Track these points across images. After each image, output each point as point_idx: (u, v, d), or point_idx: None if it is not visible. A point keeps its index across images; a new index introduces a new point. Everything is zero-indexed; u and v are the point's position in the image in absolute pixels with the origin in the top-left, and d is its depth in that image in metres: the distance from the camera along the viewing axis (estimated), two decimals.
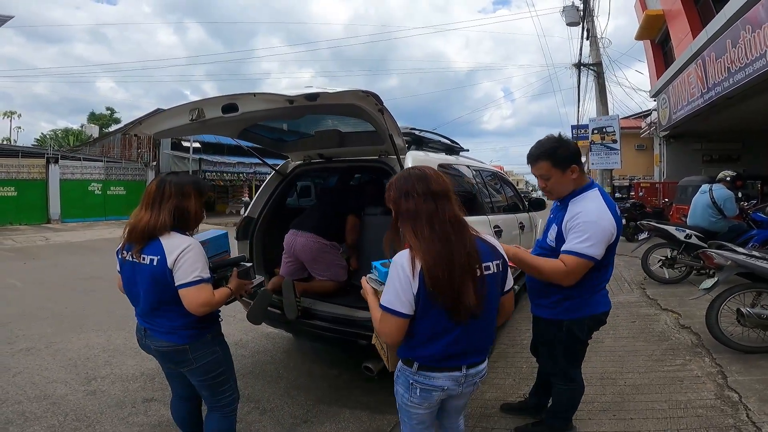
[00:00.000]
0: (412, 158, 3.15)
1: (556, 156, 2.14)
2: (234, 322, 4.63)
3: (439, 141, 4.20)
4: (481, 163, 5.40)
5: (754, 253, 3.83)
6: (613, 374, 3.51)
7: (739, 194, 6.26)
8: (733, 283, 3.87)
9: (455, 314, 1.57)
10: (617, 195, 13.99)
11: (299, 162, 3.88)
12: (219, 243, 2.35)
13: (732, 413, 2.75)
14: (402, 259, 1.58)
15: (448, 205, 1.62)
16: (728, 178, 6.18)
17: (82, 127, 33.81)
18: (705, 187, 6.29)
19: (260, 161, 4.33)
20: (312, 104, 2.20)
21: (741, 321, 3.62)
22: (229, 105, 2.31)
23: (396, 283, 1.58)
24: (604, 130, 14.26)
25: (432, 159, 3.54)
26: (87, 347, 4.13)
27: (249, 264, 2.33)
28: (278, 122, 3.38)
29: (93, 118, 40.16)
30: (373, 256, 3.95)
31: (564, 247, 2.05)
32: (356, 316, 3.10)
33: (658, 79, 13.95)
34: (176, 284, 1.79)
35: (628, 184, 14.10)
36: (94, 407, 2.98)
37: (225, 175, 21.50)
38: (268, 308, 3.25)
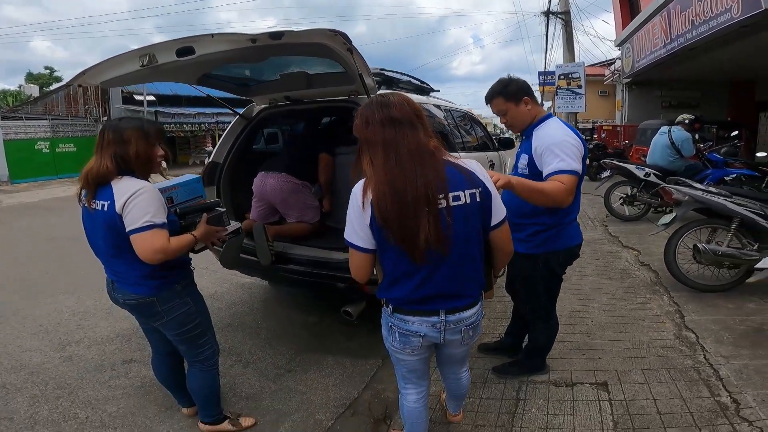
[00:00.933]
0: None
1: (507, 91, 2.26)
2: (207, 274, 4.54)
3: (409, 81, 4.06)
4: (452, 103, 5.28)
5: (711, 189, 3.86)
6: (581, 313, 3.62)
7: (696, 136, 6.47)
8: (690, 220, 3.95)
9: (412, 253, 1.44)
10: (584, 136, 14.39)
11: (265, 105, 3.64)
12: (191, 188, 2.24)
13: (690, 354, 2.85)
14: (356, 189, 1.50)
15: (411, 134, 1.47)
16: (686, 121, 6.35)
17: (20, 87, 31.60)
18: (664, 128, 6.48)
19: (223, 110, 4.14)
20: (276, 43, 2.06)
21: (697, 258, 3.68)
22: (185, 48, 2.14)
23: (351, 214, 1.51)
24: (570, 76, 14.88)
25: None
26: (57, 312, 3.94)
27: (222, 209, 2.22)
28: (240, 67, 3.13)
29: (31, 78, 37.12)
30: (347, 198, 3.98)
31: (548, 171, 2.06)
32: (332, 258, 3.02)
33: (623, 29, 14.06)
34: (126, 230, 1.72)
35: (591, 127, 14.63)
36: (73, 373, 2.87)
37: (185, 126, 20.45)
38: (241, 255, 3.15)
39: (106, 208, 1.75)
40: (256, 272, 3.58)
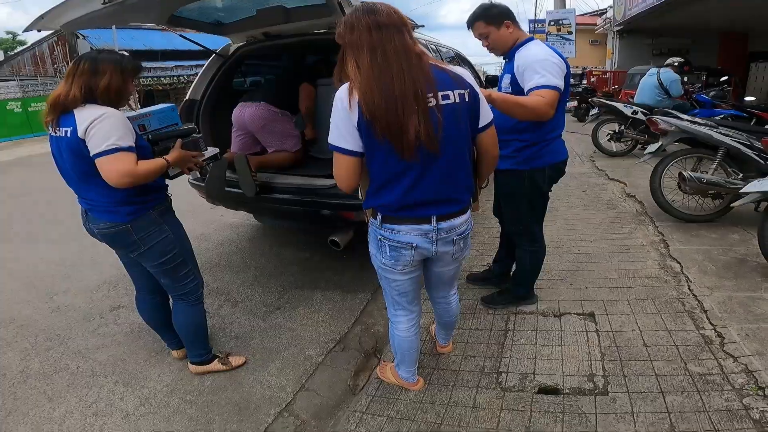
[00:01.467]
0: None
1: (488, 14, 2.24)
2: (192, 216, 4.39)
3: None
4: (438, 41, 5.03)
5: (697, 120, 3.84)
6: (568, 243, 3.60)
7: (685, 78, 6.54)
8: (676, 150, 3.94)
9: (401, 148, 1.40)
10: (570, 81, 14.23)
11: (242, 43, 3.41)
12: (165, 115, 2.15)
13: (675, 284, 2.82)
14: (340, 92, 1.44)
15: (398, 36, 1.41)
16: (676, 63, 6.36)
17: None
18: (653, 70, 6.49)
19: (202, 62, 3.87)
20: None
21: (682, 186, 3.66)
22: None
23: (337, 118, 1.45)
24: (561, 22, 14.79)
25: None
26: (41, 262, 3.82)
27: (198, 135, 2.17)
28: (213, 4, 2.86)
29: None
30: (327, 128, 3.82)
31: (529, 87, 2.05)
32: (317, 185, 2.97)
33: None
34: (92, 155, 1.66)
35: (580, 72, 14.57)
36: (62, 324, 2.81)
37: (163, 80, 19.71)
38: (226, 189, 3.05)
39: (69, 134, 1.69)
40: (241, 206, 3.48)
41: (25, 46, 21.07)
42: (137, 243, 1.91)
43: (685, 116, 3.94)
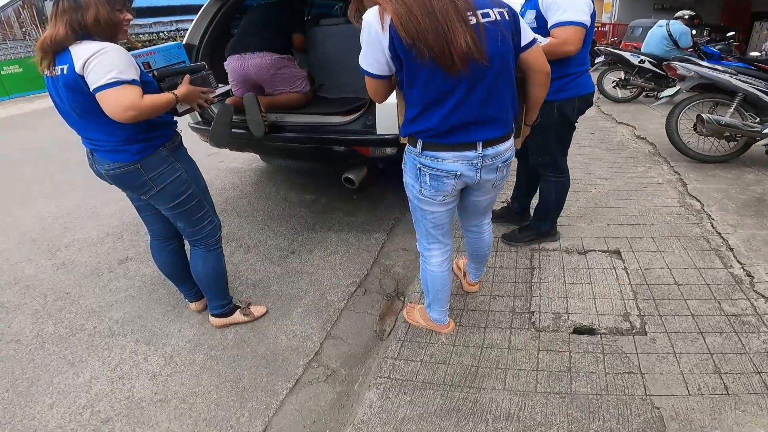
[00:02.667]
0: None
1: None
2: None
3: None
4: None
5: (717, 66, 3.77)
6: (583, 180, 3.47)
7: (694, 31, 6.38)
8: (692, 95, 3.88)
9: (450, 62, 1.24)
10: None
11: None
12: (172, 53, 2.02)
13: (697, 222, 2.70)
14: (370, 15, 1.29)
15: None
16: (686, 16, 6.33)
17: None
18: (662, 21, 6.45)
19: (182, 17, 3.51)
20: None
21: (698, 128, 3.62)
22: None
23: (367, 42, 1.32)
24: None
25: None
26: (38, 218, 3.54)
27: (208, 71, 2.03)
28: None
29: None
30: (338, 68, 3.40)
31: (552, 22, 1.95)
32: (330, 122, 2.80)
33: None
34: (92, 90, 1.52)
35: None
36: (70, 281, 2.61)
37: (141, 36, 18.57)
38: (232, 131, 2.83)
39: (65, 71, 1.54)
40: (248, 147, 3.25)
41: None
42: (148, 183, 1.76)
43: (704, 63, 3.87)
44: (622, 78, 6.56)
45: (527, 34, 1.41)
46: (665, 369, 1.66)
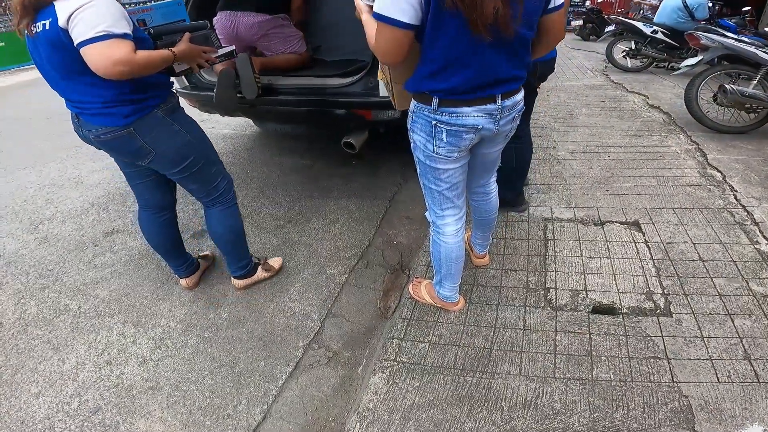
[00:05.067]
0: None
1: None
2: None
3: None
4: None
5: (743, 38, 3.66)
6: (596, 148, 3.30)
7: (710, 3, 6.13)
8: (712, 65, 3.79)
9: (474, 20, 1.11)
10: (574, 1, 13.44)
11: None
12: (170, 10, 1.85)
13: (719, 194, 2.54)
14: None
15: None
16: None
17: None
18: None
19: None
20: None
21: (719, 98, 3.50)
22: None
23: None
24: None
25: None
26: (20, 188, 3.34)
27: (210, 30, 1.91)
28: None
29: None
30: (335, 29, 3.14)
31: None
32: (328, 84, 2.62)
33: None
34: (76, 44, 1.35)
35: None
36: (53, 257, 2.45)
37: (126, 6, 17.62)
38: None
39: (47, 27, 1.39)
40: (240, 111, 3.04)
41: None
42: (145, 148, 1.61)
43: (728, 33, 3.74)
44: (633, 48, 6.41)
45: None
46: (693, 354, 1.55)
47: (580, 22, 10.19)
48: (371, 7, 1.30)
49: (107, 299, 2.12)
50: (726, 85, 3.42)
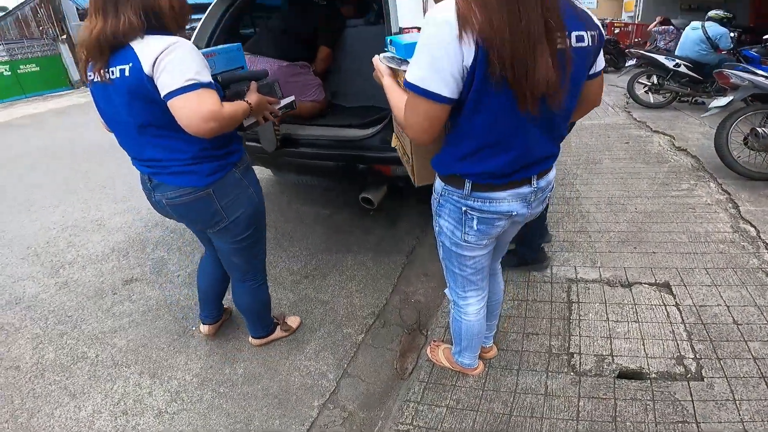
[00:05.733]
0: None
1: None
2: None
3: None
4: None
5: None
6: (621, 199, 3.39)
7: (731, 34, 6.33)
8: (742, 105, 3.77)
9: (523, 96, 1.05)
10: None
11: None
12: (232, 56, 1.91)
13: (754, 251, 2.59)
14: (444, 14, 1.02)
15: None
16: (723, 19, 6.24)
17: None
18: (696, 23, 6.39)
19: (195, 16, 3.50)
20: None
21: (751, 142, 3.50)
22: None
23: (434, 48, 1.03)
24: None
25: None
26: (43, 229, 3.63)
27: (274, 79, 1.96)
28: None
29: None
30: (353, 74, 3.36)
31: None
32: (348, 136, 2.69)
33: None
34: (163, 95, 1.30)
35: (601, 24, 13.51)
36: (72, 303, 2.64)
37: None
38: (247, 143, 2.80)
39: (128, 72, 1.32)
40: (259, 161, 3.18)
41: (5, 12, 20.89)
42: (220, 213, 1.60)
43: (759, 71, 3.73)
44: (655, 82, 6.49)
45: (601, 61, 1.26)
46: (724, 417, 1.60)
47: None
48: (394, 71, 1.32)
49: (124, 349, 2.26)
50: (758, 129, 3.44)
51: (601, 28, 1.19)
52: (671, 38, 9.49)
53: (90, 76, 1.42)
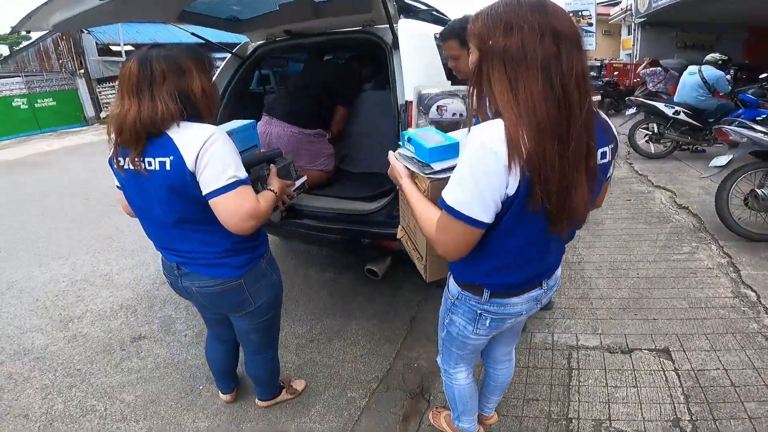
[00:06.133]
0: (406, 28, 2.64)
1: (463, 36, 2.11)
2: None
3: (428, 11, 3.62)
4: None
5: None
6: (623, 264, 3.54)
7: (728, 76, 6.64)
8: (743, 163, 3.83)
9: (559, 221, 1.09)
10: (591, 74, 14.84)
11: (261, 42, 3.28)
12: (247, 134, 1.95)
13: (754, 316, 2.75)
14: (490, 137, 1.00)
15: (577, 56, 1.01)
16: (719, 62, 6.56)
17: None
18: (693, 68, 6.62)
19: (215, 54, 3.78)
20: None
21: (751, 203, 3.60)
22: None
23: (480, 176, 1.02)
24: (580, 13, 15.88)
25: (428, 30, 2.96)
26: (52, 281, 3.85)
27: (288, 159, 1.98)
28: None
29: None
30: (361, 140, 3.60)
31: None
32: (354, 209, 2.78)
33: None
34: (205, 193, 1.31)
35: (599, 65, 14.80)
36: (81, 356, 2.80)
37: None
38: None
39: (169, 167, 1.29)
40: (266, 229, 3.36)
41: (29, 42, 21.79)
42: (247, 301, 1.66)
43: (758, 126, 3.83)
44: (656, 131, 6.65)
45: (612, 169, 1.31)
46: None
47: (598, 97, 10.53)
48: (412, 172, 1.38)
49: (133, 404, 2.39)
50: (757, 190, 3.55)
51: (617, 139, 1.23)
52: (659, 80, 9.78)
53: (121, 162, 1.39)
